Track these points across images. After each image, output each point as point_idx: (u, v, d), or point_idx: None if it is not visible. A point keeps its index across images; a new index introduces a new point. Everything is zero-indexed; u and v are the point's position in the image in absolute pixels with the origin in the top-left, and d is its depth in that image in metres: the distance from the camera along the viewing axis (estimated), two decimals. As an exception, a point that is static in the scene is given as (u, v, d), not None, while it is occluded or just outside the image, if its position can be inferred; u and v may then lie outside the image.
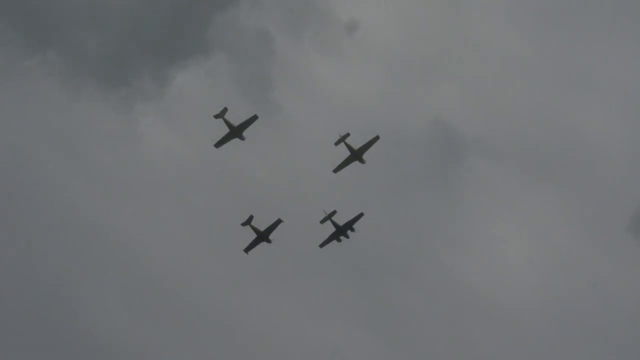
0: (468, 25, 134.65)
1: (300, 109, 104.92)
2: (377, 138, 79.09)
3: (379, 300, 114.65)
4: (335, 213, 78.44)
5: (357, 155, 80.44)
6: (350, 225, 79.77)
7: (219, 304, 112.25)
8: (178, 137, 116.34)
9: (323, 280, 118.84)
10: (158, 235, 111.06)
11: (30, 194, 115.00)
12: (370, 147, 79.56)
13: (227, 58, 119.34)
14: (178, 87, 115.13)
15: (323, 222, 77.62)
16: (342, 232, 79.95)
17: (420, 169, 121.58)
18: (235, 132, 77.80)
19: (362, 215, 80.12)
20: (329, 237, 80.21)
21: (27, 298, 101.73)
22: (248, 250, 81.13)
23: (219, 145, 78.27)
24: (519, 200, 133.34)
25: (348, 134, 77.17)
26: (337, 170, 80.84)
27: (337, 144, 77.19)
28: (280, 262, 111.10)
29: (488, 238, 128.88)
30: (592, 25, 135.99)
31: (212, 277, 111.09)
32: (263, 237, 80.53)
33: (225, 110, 75.12)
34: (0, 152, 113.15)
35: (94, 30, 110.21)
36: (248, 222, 79.13)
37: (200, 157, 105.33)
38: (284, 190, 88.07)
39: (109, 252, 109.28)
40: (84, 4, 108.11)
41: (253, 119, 77.11)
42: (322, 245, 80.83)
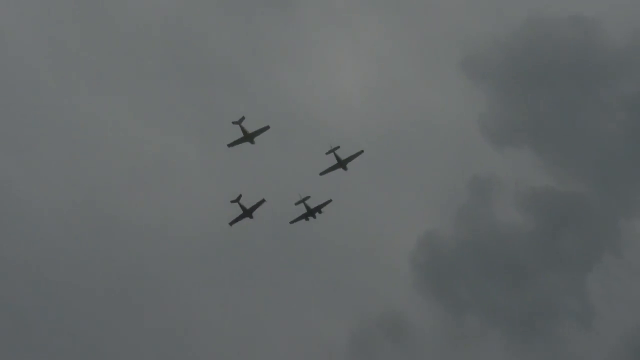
0: None
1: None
2: (361, 152, 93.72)
3: (205, 108, 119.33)
4: (309, 198, 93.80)
5: (341, 163, 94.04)
6: (320, 209, 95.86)
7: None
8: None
9: (152, 82, 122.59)
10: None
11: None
12: (355, 159, 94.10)
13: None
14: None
15: (297, 204, 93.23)
16: (312, 213, 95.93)
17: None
18: (249, 137, 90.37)
19: (330, 202, 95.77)
20: (301, 216, 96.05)
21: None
22: (232, 224, 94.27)
23: (232, 146, 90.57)
24: (360, 27, 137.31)
25: (338, 147, 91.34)
26: (323, 174, 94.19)
27: (327, 154, 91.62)
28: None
29: (324, 59, 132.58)
30: None
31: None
32: (248, 214, 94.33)
33: (243, 119, 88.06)
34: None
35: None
36: (237, 200, 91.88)
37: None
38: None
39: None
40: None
41: (265, 129, 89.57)
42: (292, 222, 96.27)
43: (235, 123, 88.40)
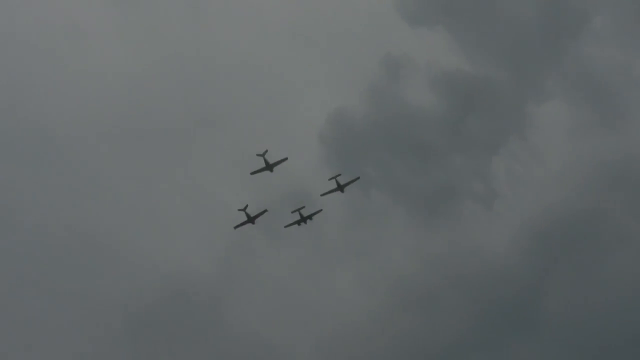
0: None
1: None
2: (357, 178, 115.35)
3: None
4: (304, 208, 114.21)
5: (340, 187, 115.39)
6: (311, 216, 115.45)
7: None
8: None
9: None
10: None
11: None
12: (351, 183, 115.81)
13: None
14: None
15: (293, 212, 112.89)
16: (304, 220, 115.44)
17: None
18: (269, 167, 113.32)
19: (320, 211, 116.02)
20: (295, 222, 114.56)
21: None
22: (237, 228, 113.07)
23: (253, 174, 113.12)
24: None
25: (339, 174, 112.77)
26: (324, 195, 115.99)
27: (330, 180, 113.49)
28: None
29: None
30: None
31: None
32: (251, 220, 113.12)
33: (266, 151, 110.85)
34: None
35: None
36: (244, 209, 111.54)
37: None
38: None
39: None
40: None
41: (284, 160, 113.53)
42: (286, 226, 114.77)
43: (259, 155, 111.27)
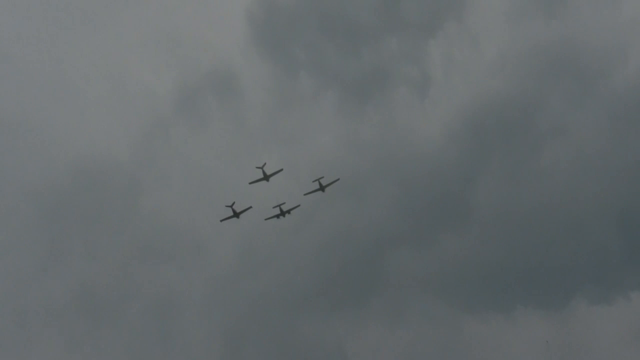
0: None
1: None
2: (337, 179, 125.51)
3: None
4: (284, 203, 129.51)
5: (322, 188, 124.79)
6: (289, 210, 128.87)
7: None
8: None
9: None
10: None
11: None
12: (332, 184, 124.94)
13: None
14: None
15: (275, 207, 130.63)
16: (283, 214, 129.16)
17: None
18: (266, 177, 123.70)
19: (298, 206, 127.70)
20: (275, 215, 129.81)
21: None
22: (222, 221, 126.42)
23: (252, 183, 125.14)
24: None
25: (322, 177, 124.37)
26: (307, 194, 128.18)
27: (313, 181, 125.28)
28: None
29: None
30: None
31: None
32: (236, 215, 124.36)
33: (265, 164, 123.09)
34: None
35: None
36: (231, 206, 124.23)
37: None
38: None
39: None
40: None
41: (279, 170, 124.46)
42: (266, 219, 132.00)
43: (259, 167, 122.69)
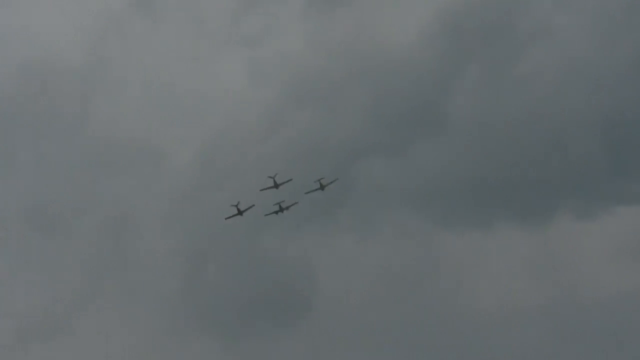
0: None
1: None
2: (337, 179, 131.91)
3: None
4: (283, 201, 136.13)
5: (322, 187, 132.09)
6: (288, 207, 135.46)
7: None
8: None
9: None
10: None
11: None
12: (332, 184, 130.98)
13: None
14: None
15: (275, 204, 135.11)
16: (282, 210, 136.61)
17: None
18: (277, 186, 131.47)
19: (296, 203, 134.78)
20: (274, 211, 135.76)
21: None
22: (227, 219, 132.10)
23: (261, 191, 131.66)
24: None
25: (323, 178, 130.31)
26: (307, 193, 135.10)
27: (314, 181, 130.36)
28: None
29: None
30: None
31: None
32: (240, 213, 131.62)
33: (276, 174, 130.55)
34: None
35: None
36: (236, 205, 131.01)
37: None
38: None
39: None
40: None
41: (289, 180, 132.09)
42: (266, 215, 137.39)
43: (270, 177, 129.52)
